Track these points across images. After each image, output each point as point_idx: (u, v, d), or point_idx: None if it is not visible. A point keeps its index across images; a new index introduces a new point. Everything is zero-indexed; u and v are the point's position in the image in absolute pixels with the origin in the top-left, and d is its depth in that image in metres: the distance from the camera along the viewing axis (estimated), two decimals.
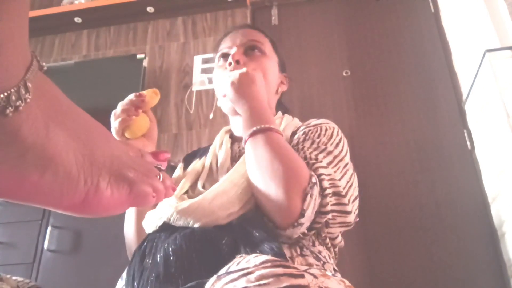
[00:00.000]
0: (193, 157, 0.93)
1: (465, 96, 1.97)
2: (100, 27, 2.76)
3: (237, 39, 0.92)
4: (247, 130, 0.73)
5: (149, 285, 0.59)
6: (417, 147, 2.01)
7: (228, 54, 0.91)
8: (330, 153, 0.74)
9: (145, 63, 2.44)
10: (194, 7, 2.62)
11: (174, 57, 2.56)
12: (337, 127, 0.84)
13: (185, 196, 0.77)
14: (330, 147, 0.76)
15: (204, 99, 2.38)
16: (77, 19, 2.70)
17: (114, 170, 0.35)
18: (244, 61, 0.87)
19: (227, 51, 0.91)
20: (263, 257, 0.41)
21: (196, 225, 0.66)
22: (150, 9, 2.63)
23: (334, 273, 0.66)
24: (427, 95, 2.12)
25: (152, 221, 0.73)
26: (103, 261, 1.73)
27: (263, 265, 0.39)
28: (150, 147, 0.84)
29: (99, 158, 0.33)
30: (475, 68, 1.74)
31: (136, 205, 0.38)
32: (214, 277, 0.41)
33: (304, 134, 0.80)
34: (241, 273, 0.38)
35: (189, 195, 0.78)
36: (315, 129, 0.81)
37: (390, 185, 1.96)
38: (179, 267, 0.59)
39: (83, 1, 2.65)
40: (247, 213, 0.68)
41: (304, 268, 0.42)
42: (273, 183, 0.65)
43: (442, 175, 1.93)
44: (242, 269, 0.39)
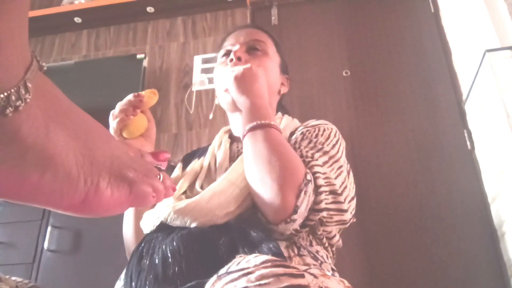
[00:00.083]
0: (191, 158, 0.93)
1: (465, 96, 1.97)
2: (100, 27, 2.76)
3: (240, 38, 0.92)
4: (246, 125, 0.73)
5: (147, 286, 0.59)
6: (417, 147, 2.01)
7: (231, 51, 0.91)
8: (326, 153, 0.75)
9: (145, 63, 2.44)
10: (194, 7, 2.62)
11: (174, 57, 2.56)
12: (335, 128, 0.84)
13: (183, 196, 0.77)
14: (326, 147, 0.76)
15: (204, 99, 2.38)
16: (77, 19, 2.70)
17: (114, 170, 0.35)
18: (246, 59, 0.87)
19: (230, 48, 0.92)
20: (263, 257, 0.41)
21: (193, 225, 0.66)
22: (150, 9, 2.63)
23: (332, 273, 0.66)
24: (427, 95, 2.12)
25: (150, 221, 0.73)
26: (103, 261, 1.73)
27: (263, 265, 0.39)
28: (148, 147, 0.84)
29: (99, 158, 0.33)
30: (475, 68, 1.74)
31: (136, 205, 0.38)
32: (215, 277, 0.41)
33: (302, 134, 0.81)
34: (241, 273, 0.39)
35: (187, 196, 0.78)
36: (313, 129, 0.81)
37: (390, 185, 1.96)
38: (177, 268, 0.59)
39: (83, 1, 2.65)
40: (244, 212, 0.69)
41: (304, 268, 0.42)
42: (269, 178, 0.65)
43: (442, 175, 1.93)
44: (243, 269, 0.39)
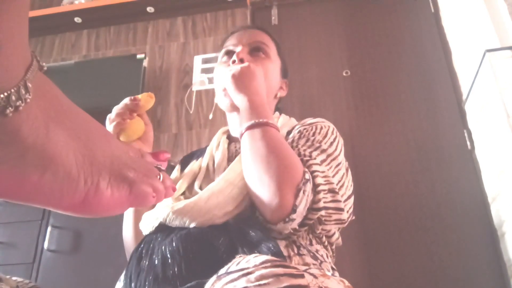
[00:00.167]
0: (190, 159, 0.93)
1: (465, 96, 1.96)
2: (100, 27, 2.76)
3: (243, 39, 0.92)
4: (244, 123, 0.73)
5: (146, 287, 0.59)
6: (417, 147, 2.01)
7: (232, 52, 0.91)
8: (324, 151, 0.74)
9: (145, 63, 2.44)
10: (194, 7, 2.62)
11: (174, 57, 2.56)
12: (332, 126, 0.84)
13: (181, 197, 0.77)
14: (324, 145, 0.76)
15: (204, 99, 2.38)
16: (77, 19, 2.70)
17: (114, 170, 0.35)
18: (248, 60, 0.87)
19: (232, 49, 0.91)
20: (263, 257, 0.41)
21: (192, 225, 0.66)
22: (150, 9, 2.63)
23: (332, 272, 0.66)
24: (427, 95, 2.12)
25: (149, 222, 0.73)
26: (103, 261, 1.73)
27: (263, 265, 0.39)
28: (145, 150, 0.83)
29: (99, 158, 0.33)
30: (475, 68, 1.74)
31: (136, 205, 0.38)
32: (214, 277, 0.41)
33: (299, 133, 0.81)
34: (241, 273, 0.39)
35: (186, 196, 0.78)
36: (310, 128, 0.81)
37: (390, 185, 1.96)
38: (176, 268, 0.59)
39: (83, 1, 2.65)
40: (243, 212, 0.68)
41: (304, 268, 0.42)
42: (267, 177, 0.65)
43: (442, 175, 1.93)
44: (242, 269, 0.39)
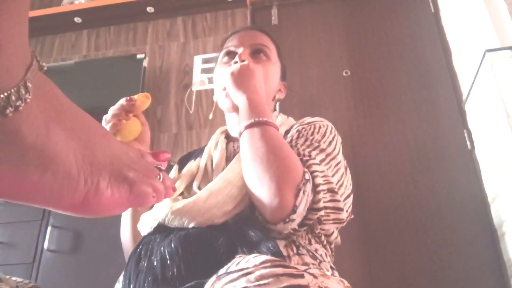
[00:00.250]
0: (188, 159, 0.93)
1: (465, 96, 1.96)
2: (100, 27, 2.76)
3: (245, 40, 0.92)
4: (243, 121, 0.72)
5: None
6: (417, 147, 2.01)
7: (233, 52, 0.91)
8: (323, 150, 0.74)
9: (145, 63, 2.44)
10: (194, 7, 2.62)
11: (174, 57, 2.56)
12: (331, 125, 0.84)
13: (180, 197, 0.77)
14: (323, 144, 0.76)
15: (204, 99, 2.38)
16: (77, 19, 2.70)
17: (114, 170, 0.35)
18: (250, 62, 0.87)
19: (233, 50, 0.91)
20: (262, 257, 0.41)
21: (191, 225, 0.66)
22: (150, 9, 2.63)
23: (331, 271, 0.66)
24: (427, 95, 2.12)
25: (147, 223, 0.72)
26: (103, 261, 1.73)
27: (262, 265, 0.39)
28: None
29: (99, 158, 0.33)
30: (475, 68, 1.74)
31: (136, 205, 0.38)
32: (214, 277, 0.41)
33: (298, 132, 0.80)
34: (241, 273, 0.39)
35: (184, 197, 0.77)
36: (308, 127, 0.80)
37: (390, 185, 1.96)
38: (175, 269, 0.59)
39: (83, 1, 2.65)
40: (242, 212, 0.68)
41: (303, 268, 0.42)
42: (267, 177, 0.64)
43: (442, 175, 1.93)
44: (242, 269, 0.39)
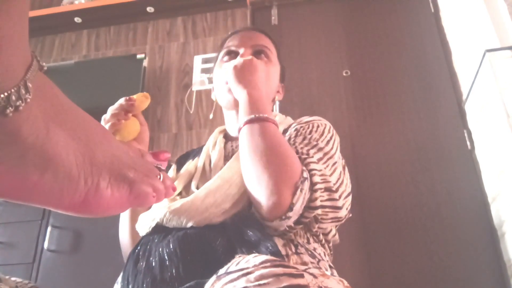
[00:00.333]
0: (186, 159, 0.93)
1: (465, 96, 1.96)
2: (100, 27, 2.76)
3: (246, 41, 0.91)
4: (244, 117, 0.72)
5: None
6: (417, 147, 2.01)
7: (234, 52, 0.90)
8: (321, 149, 0.74)
9: (145, 63, 2.44)
10: (194, 7, 2.62)
11: (174, 57, 2.56)
12: (329, 124, 0.84)
13: (178, 197, 0.77)
14: (321, 143, 0.76)
15: (204, 99, 2.38)
16: (77, 19, 2.70)
17: (115, 170, 0.35)
18: None
19: (234, 49, 0.91)
20: (262, 257, 0.41)
21: (190, 224, 0.66)
22: (150, 9, 2.63)
23: (330, 270, 0.66)
24: (427, 95, 2.12)
25: (145, 223, 0.72)
26: (103, 261, 1.73)
27: (262, 265, 0.39)
28: None
29: (99, 158, 0.33)
30: (475, 68, 1.74)
31: (137, 205, 0.38)
32: (214, 277, 0.41)
33: (296, 131, 0.80)
34: (240, 273, 0.39)
35: (182, 196, 0.77)
36: (306, 126, 0.80)
37: (390, 185, 1.96)
38: (174, 270, 0.59)
39: (83, 1, 2.65)
40: (240, 211, 0.68)
41: (303, 267, 0.42)
42: (265, 174, 0.64)
43: (442, 175, 1.93)
44: (242, 269, 0.39)
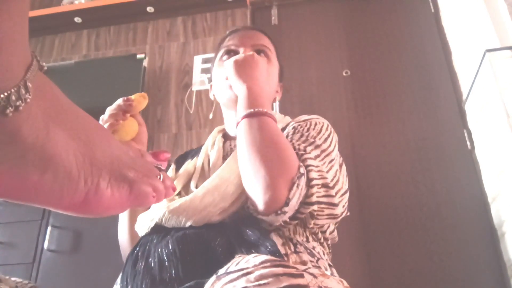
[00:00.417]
0: (184, 159, 0.93)
1: (465, 96, 1.96)
2: (100, 27, 2.76)
3: (246, 40, 0.91)
4: (242, 111, 0.72)
5: None
6: (417, 147, 2.01)
7: (234, 51, 0.90)
8: (318, 146, 0.75)
9: (145, 63, 2.44)
10: (194, 7, 2.62)
11: (174, 57, 2.56)
12: (327, 122, 0.84)
13: (176, 197, 0.77)
14: (318, 141, 0.76)
15: (204, 99, 2.38)
16: (77, 19, 2.70)
17: (115, 170, 0.35)
18: None
19: (234, 48, 0.91)
20: (262, 257, 0.41)
21: (188, 223, 0.66)
22: (150, 9, 2.63)
23: (330, 269, 0.66)
24: (427, 95, 2.12)
25: (144, 223, 0.72)
26: (103, 261, 1.73)
27: (262, 265, 0.39)
28: None
29: (99, 158, 0.33)
30: (475, 68, 1.74)
31: (137, 205, 0.38)
32: (214, 277, 0.41)
33: (294, 128, 0.81)
34: (240, 273, 0.39)
35: (181, 196, 0.77)
36: (304, 124, 0.81)
37: (390, 185, 1.96)
38: (173, 271, 0.59)
39: (83, 1, 2.65)
40: (239, 211, 0.68)
41: (303, 267, 0.42)
42: (262, 168, 0.64)
43: (442, 175, 1.93)
44: (242, 269, 0.39)
